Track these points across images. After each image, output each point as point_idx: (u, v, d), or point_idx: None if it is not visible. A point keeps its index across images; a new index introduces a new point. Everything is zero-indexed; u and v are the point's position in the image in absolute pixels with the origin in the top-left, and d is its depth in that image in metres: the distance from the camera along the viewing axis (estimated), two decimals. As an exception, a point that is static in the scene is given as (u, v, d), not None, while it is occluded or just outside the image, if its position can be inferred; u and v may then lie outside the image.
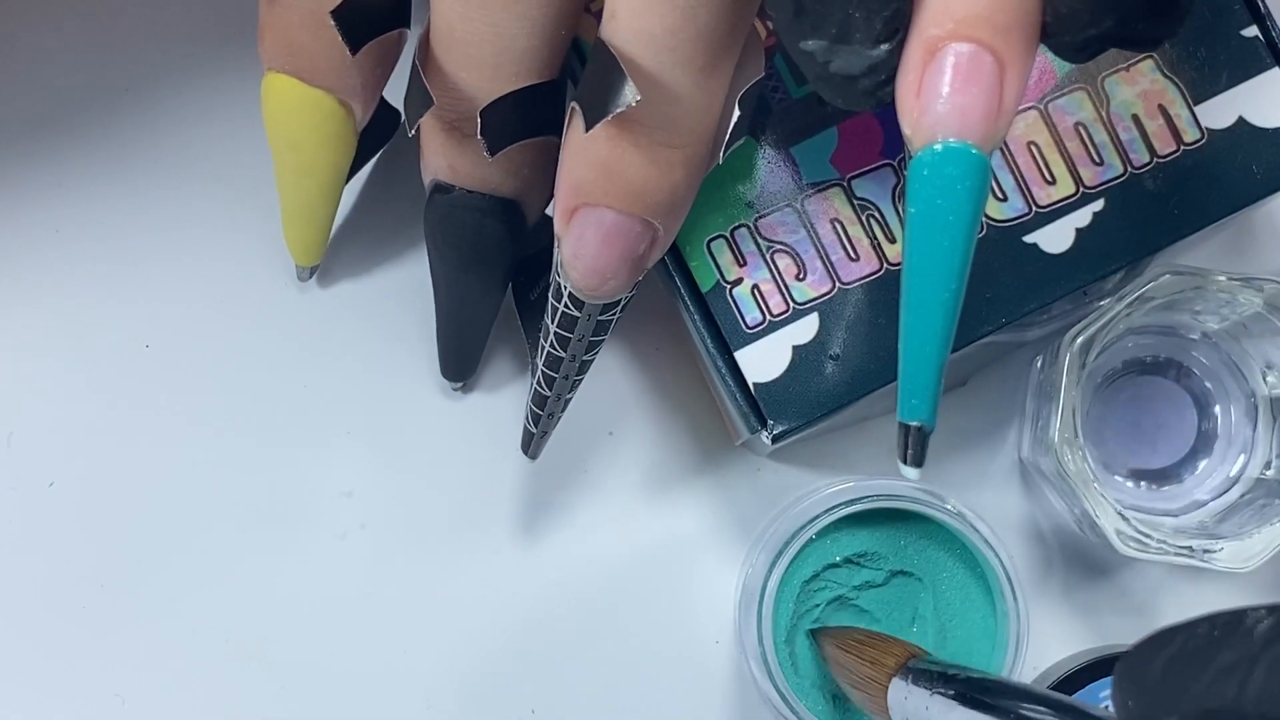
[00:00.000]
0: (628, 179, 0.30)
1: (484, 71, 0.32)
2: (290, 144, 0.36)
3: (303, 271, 0.41)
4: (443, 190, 0.35)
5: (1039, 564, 0.42)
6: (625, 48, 0.29)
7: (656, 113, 0.29)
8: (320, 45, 0.34)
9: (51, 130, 0.42)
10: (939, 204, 0.25)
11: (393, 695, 0.41)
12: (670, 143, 0.30)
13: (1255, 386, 0.40)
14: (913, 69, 0.25)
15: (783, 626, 0.38)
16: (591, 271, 0.31)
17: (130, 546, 0.41)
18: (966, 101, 0.25)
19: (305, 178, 0.37)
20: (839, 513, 0.37)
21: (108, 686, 0.41)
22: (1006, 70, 0.25)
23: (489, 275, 0.37)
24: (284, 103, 0.35)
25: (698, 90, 0.29)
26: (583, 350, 0.34)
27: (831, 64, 0.26)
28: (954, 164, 0.25)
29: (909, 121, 0.25)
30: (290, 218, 0.39)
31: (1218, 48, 0.36)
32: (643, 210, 0.31)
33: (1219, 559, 0.37)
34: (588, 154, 0.30)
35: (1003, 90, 0.25)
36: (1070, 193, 0.36)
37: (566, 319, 0.33)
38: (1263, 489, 0.39)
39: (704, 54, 0.29)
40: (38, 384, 0.41)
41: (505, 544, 0.41)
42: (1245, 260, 0.42)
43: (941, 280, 0.26)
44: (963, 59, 0.25)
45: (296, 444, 0.41)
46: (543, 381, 0.35)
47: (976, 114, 0.25)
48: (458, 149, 0.34)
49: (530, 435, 0.37)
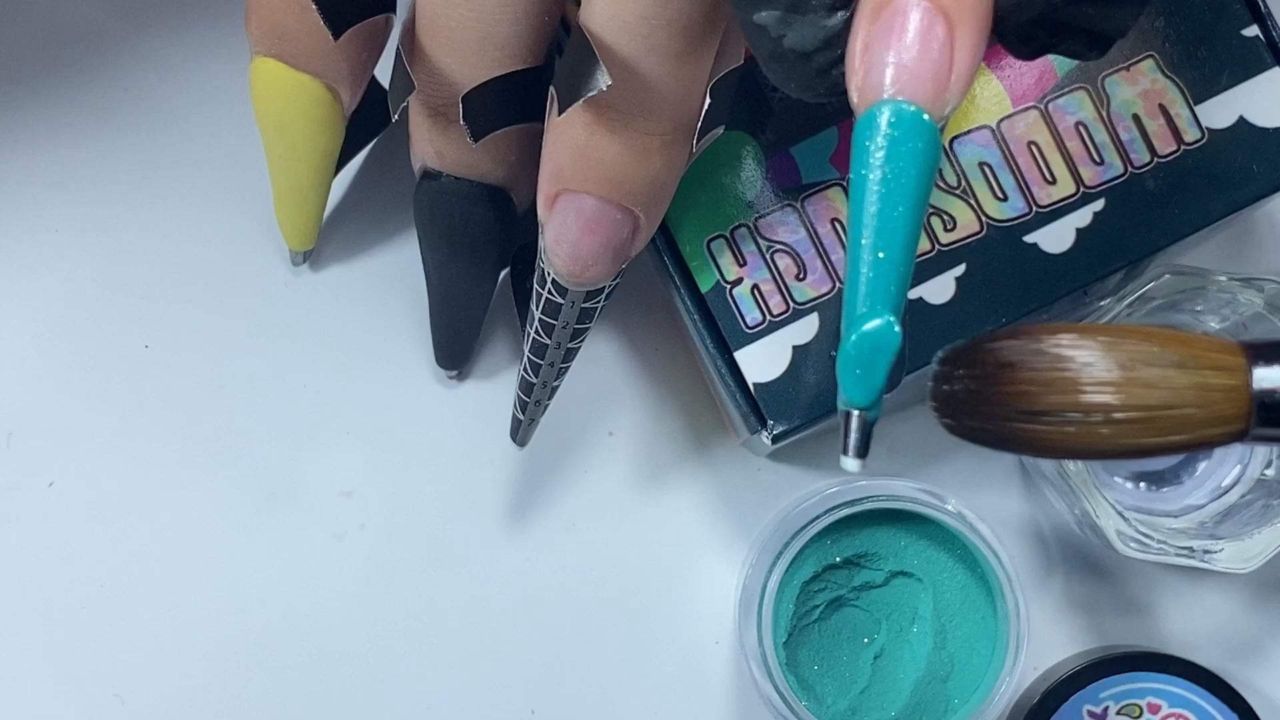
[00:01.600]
0: (605, 165, 0.30)
1: (467, 57, 0.32)
2: (278, 128, 0.36)
3: (296, 256, 0.41)
4: (431, 176, 0.35)
5: (1039, 564, 0.42)
6: (601, 33, 0.29)
7: (633, 99, 0.29)
8: (305, 29, 0.34)
9: (50, 129, 0.42)
10: (883, 170, 0.24)
11: (392, 695, 0.41)
12: (647, 130, 0.30)
13: (1256, 387, 0.40)
14: (860, 29, 0.24)
15: (783, 627, 0.38)
16: (573, 258, 0.31)
17: (130, 546, 0.41)
18: (914, 60, 0.23)
19: (295, 162, 0.37)
20: (839, 513, 0.37)
21: (108, 686, 0.41)
22: (957, 31, 0.23)
23: (478, 262, 0.37)
24: (271, 87, 0.35)
25: (672, 78, 0.29)
26: (568, 338, 0.34)
27: (786, 38, 0.25)
28: (899, 126, 0.23)
29: (854, 82, 0.24)
30: (282, 202, 0.39)
31: (1218, 47, 0.36)
32: (622, 197, 0.31)
33: (1219, 559, 0.37)
34: (566, 140, 0.30)
35: (953, 53, 0.24)
36: (1071, 192, 0.36)
37: (551, 305, 0.33)
38: (1263, 489, 0.39)
39: (679, 41, 0.29)
40: (38, 384, 0.41)
41: (505, 544, 0.41)
42: (1245, 260, 0.42)
43: (888, 252, 0.24)
44: (911, 17, 0.23)
45: (295, 440, 0.41)
46: (529, 369, 0.35)
47: (925, 75, 0.23)
48: (444, 135, 0.34)
49: (518, 423, 0.37)
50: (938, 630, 0.38)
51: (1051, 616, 0.41)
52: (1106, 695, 0.39)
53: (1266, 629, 0.42)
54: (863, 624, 0.38)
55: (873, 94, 0.24)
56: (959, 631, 0.38)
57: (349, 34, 0.33)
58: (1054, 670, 0.40)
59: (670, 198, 0.32)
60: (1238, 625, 0.42)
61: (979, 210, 0.36)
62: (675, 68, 0.29)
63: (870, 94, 0.24)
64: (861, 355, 0.24)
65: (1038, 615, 0.41)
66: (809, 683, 0.38)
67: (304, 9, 0.34)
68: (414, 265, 0.39)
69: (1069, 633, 0.41)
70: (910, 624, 0.38)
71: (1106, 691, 0.39)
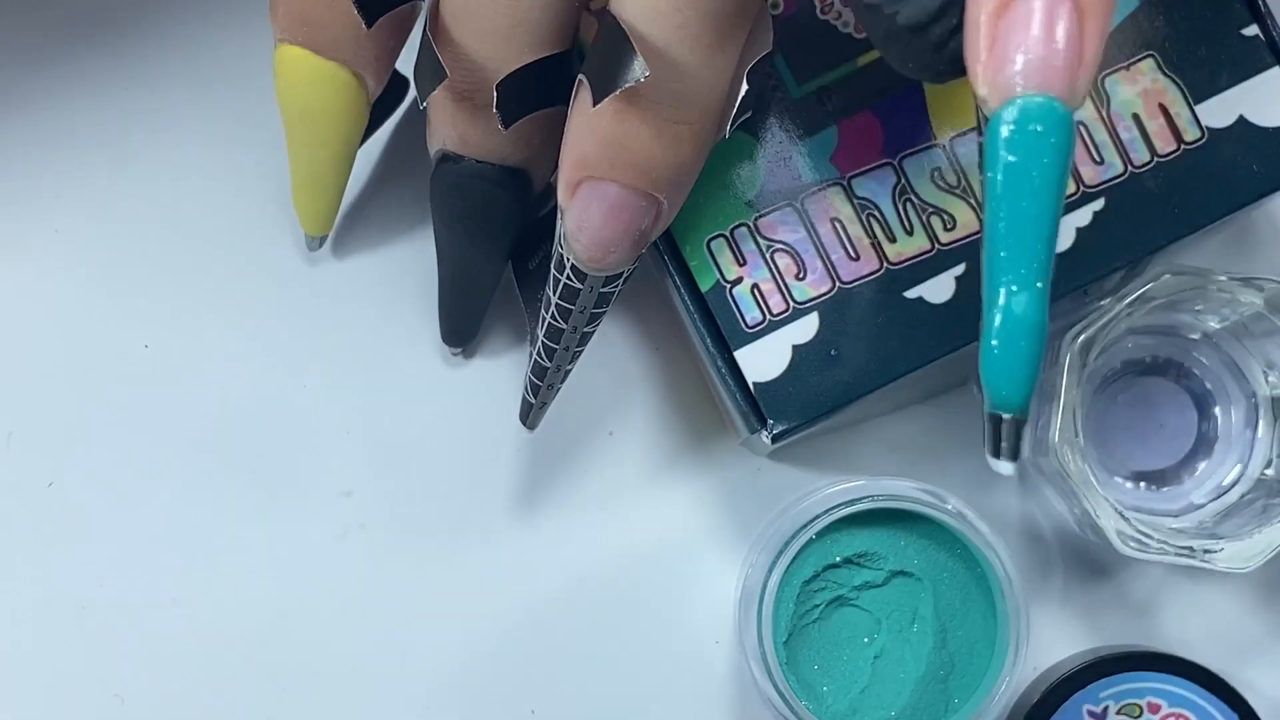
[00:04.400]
0: (634, 154, 0.30)
1: (498, 42, 0.32)
2: (302, 116, 0.36)
3: (313, 242, 0.41)
4: (451, 160, 0.35)
5: (1039, 564, 0.42)
6: (634, 23, 0.29)
7: (664, 88, 0.29)
8: (335, 17, 0.34)
9: (49, 128, 0.42)
10: (1023, 165, 0.23)
11: (393, 695, 0.41)
12: (677, 118, 0.30)
13: (1256, 387, 0.40)
14: (984, 23, 0.24)
15: (783, 627, 0.38)
16: (595, 244, 0.31)
17: (130, 546, 0.41)
18: (1047, 52, 0.23)
19: (317, 149, 0.37)
20: (839, 513, 0.37)
21: (108, 686, 0.41)
22: (1086, 18, 0.23)
23: (495, 243, 0.37)
24: (297, 75, 0.35)
25: (705, 67, 0.29)
26: (584, 322, 0.34)
27: (899, 14, 0.25)
28: (1038, 120, 0.23)
29: (983, 79, 0.24)
30: (300, 188, 0.39)
31: (1218, 47, 0.36)
32: (648, 185, 0.31)
33: (1219, 559, 0.37)
34: (594, 128, 0.30)
35: (1083, 40, 0.23)
36: (1070, 192, 0.36)
37: (568, 290, 0.33)
38: (1263, 489, 0.39)
39: (711, 31, 0.29)
40: (38, 384, 0.41)
41: (505, 544, 0.41)
42: (1245, 260, 0.42)
43: (1029, 249, 0.24)
44: (1039, 8, 0.23)
45: (296, 440, 0.41)
46: (543, 353, 0.35)
47: (1058, 65, 0.23)
48: (469, 119, 0.34)
49: (529, 406, 0.37)
50: (938, 630, 0.38)
51: (1051, 616, 0.41)
52: (1106, 695, 0.39)
53: (1266, 629, 0.42)
54: (863, 624, 0.38)
55: (1005, 90, 0.23)
56: (959, 631, 0.38)
57: (378, 22, 0.33)
58: (1054, 670, 0.40)
59: (693, 183, 0.32)
60: (1238, 625, 0.42)
61: (979, 210, 0.36)
62: (707, 56, 0.29)
63: (1003, 90, 0.23)
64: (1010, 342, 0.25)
65: (1038, 615, 0.41)
66: (809, 682, 0.38)
67: None
68: (414, 251, 0.39)
69: (1069, 632, 0.41)
70: (910, 624, 0.38)
71: (1106, 691, 0.39)
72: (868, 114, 0.36)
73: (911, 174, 0.36)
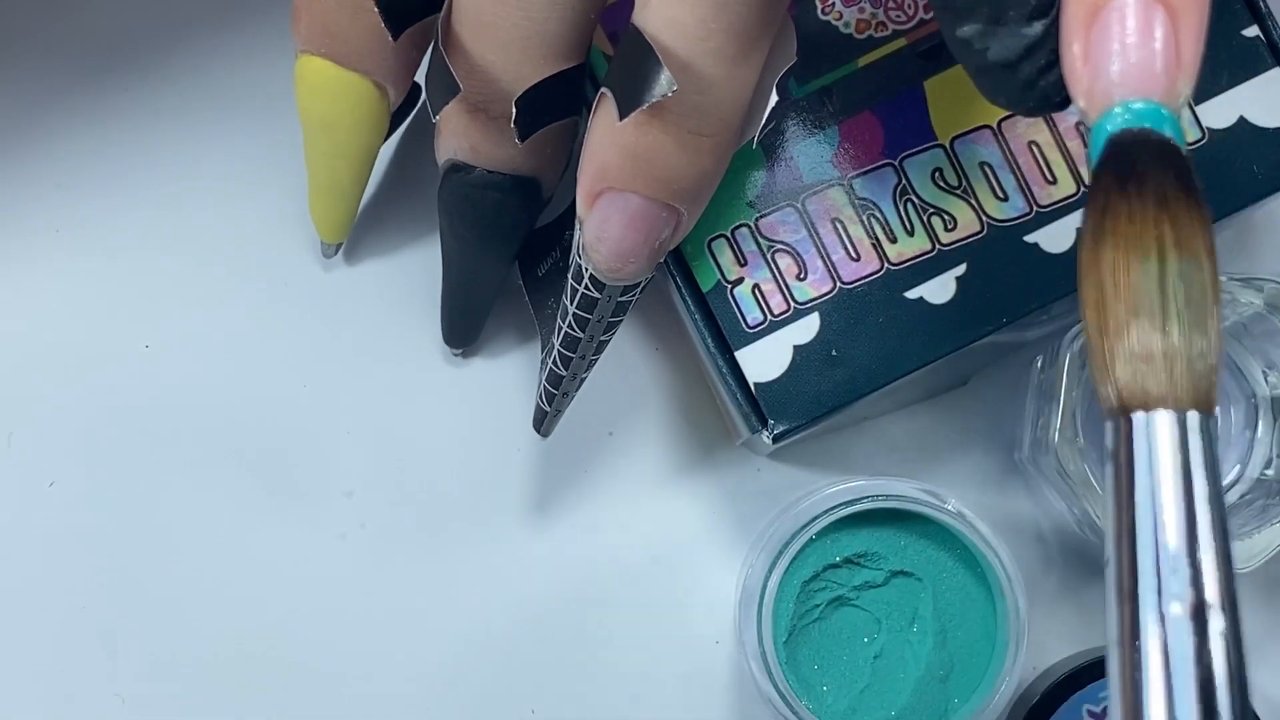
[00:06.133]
0: (656, 166, 0.30)
1: (512, 55, 0.32)
2: (323, 126, 0.36)
3: (329, 249, 0.41)
4: (460, 170, 0.35)
5: (1039, 564, 0.42)
6: (658, 36, 0.29)
7: (687, 101, 0.29)
8: (359, 29, 0.34)
9: (50, 128, 0.42)
10: None
11: (393, 695, 0.41)
12: (700, 130, 0.30)
13: (1255, 387, 0.40)
14: (1076, 34, 0.23)
15: (783, 626, 0.38)
16: (615, 255, 0.31)
17: (130, 546, 0.41)
18: (1144, 56, 0.23)
19: (337, 159, 0.37)
20: (839, 513, 0.37)
21: (108, 686, 0.41)
22: (1180, 18, 0.23)
23: (504, 250, 0.37)
24: (319, 86, 0.35)
25: (729, 80, 0.29)
26: (601, 330, 0.34)
27: (990, 50, 0.25)
28: (1142, 125, 0.23)
29: (1081, 90, 0.23)
30: (318, 196, 0.39)
31: (1219, 47, 0.36)
32: (669, 196, 0.31)
33: (1219, 559, 0.37)
34: (616, 140, 0.30)
35: (1179, 41, 0.23)
36: (1071, 192, 0.36)
37: (586, 300, 0.33)
38: (1262, 489, 0.39)
39: (735, 44, 0.29)
40: (38, 384, 0.41)
41: (505, 544, 0.41)
42: (1245, 260, 0.42)
43: None
44: (1131, 12, 0.23)
45: (296, 440, 0.41)
46: (559, 361, 0.35)
47: (1156, 68, 0.23)
48: (482, 131, 0.34)
49: (544, 414, 0.37)
50: (938, 630, 0.38)
51: (1051, 616, 0.41)
52: (1106, 694, 0.39)
53: (1266, 629, 0.42)
54: (863, 624, 0.38)
55: (1104, 99, 0.23)
56: (959, 631, 0.38)
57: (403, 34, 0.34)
58: (1054, 669, 0.40)
59: (713, 193, 0.32)
60: (1237, 625, 0.42)
61: (979, 210, 0.36)
62: (730, 70, 0.29)
63: (1101, 100, 0.23)
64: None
65: (1038, 615, 0.41)
66: (809, 682, 0.38)
67: (358, 9, 0.34)
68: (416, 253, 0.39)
69: (1069, 632, 0.41)
70: (910, 624, 0.38)
71: (1106, 691, 0.39)
72: (868, 114, 0.36)
73: (912, 174, 0.36)
